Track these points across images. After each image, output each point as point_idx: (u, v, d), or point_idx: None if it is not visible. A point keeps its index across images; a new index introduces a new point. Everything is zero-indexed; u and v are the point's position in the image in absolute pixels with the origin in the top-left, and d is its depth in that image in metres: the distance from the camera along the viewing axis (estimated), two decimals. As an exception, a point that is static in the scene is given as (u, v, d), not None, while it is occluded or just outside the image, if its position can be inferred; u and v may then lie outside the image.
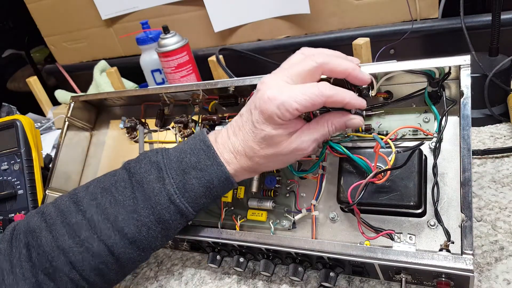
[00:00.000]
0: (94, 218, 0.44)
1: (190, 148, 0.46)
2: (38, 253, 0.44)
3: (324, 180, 0.50)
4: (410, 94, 0.48)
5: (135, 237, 0.44)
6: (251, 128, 0.43)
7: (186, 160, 0.45)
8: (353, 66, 0.43)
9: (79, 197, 0.46)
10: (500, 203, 0.53)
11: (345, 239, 0.47)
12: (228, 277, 0.55)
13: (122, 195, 0.45)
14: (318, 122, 0.44)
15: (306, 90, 0.41)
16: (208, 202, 0.46)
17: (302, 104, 0.40)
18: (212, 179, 0.44)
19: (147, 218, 0.44)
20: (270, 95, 0.41)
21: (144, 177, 0.45)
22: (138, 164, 0.46)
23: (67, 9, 1.16)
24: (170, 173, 0.45)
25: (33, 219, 0.47)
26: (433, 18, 0.81)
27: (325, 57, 0.42)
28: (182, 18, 1.03)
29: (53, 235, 0.44)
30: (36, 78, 1.16)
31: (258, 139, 0.43)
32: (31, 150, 0.69)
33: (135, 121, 0.67)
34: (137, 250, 0.45)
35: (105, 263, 0.44)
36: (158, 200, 0.44)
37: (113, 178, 0.47)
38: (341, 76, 0.43)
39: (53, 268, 0.44)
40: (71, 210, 0.45)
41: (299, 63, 0.43)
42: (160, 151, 0.47)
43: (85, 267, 0.44)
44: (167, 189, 0.44)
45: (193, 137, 0.47)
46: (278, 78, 0.42)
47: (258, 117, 0.42)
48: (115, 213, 0.44)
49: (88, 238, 0.44)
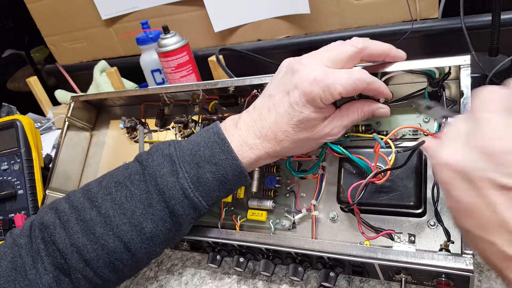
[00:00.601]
0: (109, 214, 0.43)
1: (204, 141, 0.45)
2: (53, 249, 0.44)
3: (324, 180, 0.50)
4: (410, 94, 0.48)
5: (153, 232, 0.44)
6: (287, 109, 0.42)
7: (199, 153, 0.44)
8: (389, 46, 0.44)
9: (93, 193, 0.45)
10: (500, 203, 0.53)
11: (345, 239, 0.47)
12: (228, 277, 0.55)
13: (138, 188, 0.44)
14: (348, 109, 0.44)
15: (350, 75, 0.41)
16: (221, 196, 0.46)
17: (346, 89, 0.41)
18: (227, 173, 0.44)
19: (162, 211, 0.44)
20: (317, 76, 0.40)
21: (157, 170, 0.44)
22: (151, 156, 0.45)
23: (67, 9, 1.16)
24: (184, 166, 0.44)
25: (47, 215, 0.46)
26: (433, 18, 0.81)
27: (363, 41, 0.43)
28: (182, 18, 1.03)
29: (67, 232, 0.44)
30: (36, 78, 1.16)
31: (294, 122, 0.42)
32: (31, 150, 0.69)
33: (135, 121, 0.67)
34: (153, 245, 0.45)
35: (120, 259, 0.44)
36: (172, 194, 0.43)
37: (127, 171, 0.46)
38: (380, 58, 0.44)
39: (67, 265, 0.43)
40: (85, 207, 0.44)
41: (338, 48, 0.43)
42: (173, 143, 0.46)
43: (100, 264, 0.43)
44: (181, 183, 0.43)
45: (207, 130, 0.46)
46: (318, 61, 0.42)
47: (299, 99, 0.41)
48: (132, 207, 0.44)
49: (103, 235, 0.43)
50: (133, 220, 0.43)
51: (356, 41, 0.43)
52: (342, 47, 0.43)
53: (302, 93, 0.41)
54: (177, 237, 0.47)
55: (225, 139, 0.44)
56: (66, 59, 1.29)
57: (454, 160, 0.30)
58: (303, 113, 0.41)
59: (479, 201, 0.29)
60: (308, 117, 0.42)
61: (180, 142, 0.46)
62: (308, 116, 0.42)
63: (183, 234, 0.48)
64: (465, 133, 0.31)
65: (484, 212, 0.28)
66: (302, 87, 0.41)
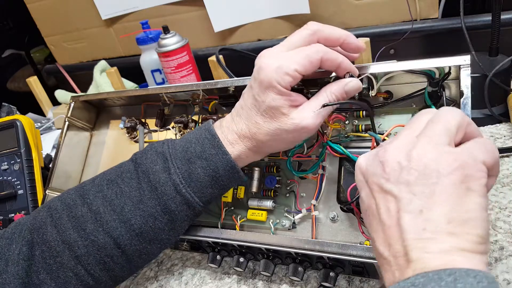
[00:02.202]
0: (100, 210, 0.44)
1: (195, 137, 0.45)
2: (42, 250, 0.44)
3: (324, 180, 0.50)
4: (410, 94, 0.48)
5: (142, 228, 0.44)
6: (252, 102, 0.43)
7: (191, 149, 0.45)
8: (347, 33, 0.43)
9: (85, 190, 0.46)
10: (500, 203, 0.53)
11: (345, 239, 0.47)
12: (228, 277, 0.55)
13: (128, 186, 0.45)
14: (317, 95, 0.44)
15: (303, 50, 0.41)
16: (215, 193, 0.46)
17: (300, 63, 0.40)
18: (218, 168, 0.44)
19: (153, 208, 0.44)
20: (269, 62, 0.41)
21: (149, 167, 0.45)
22: (144, 154, 0.46)
23: (67, 9, 1.16)
24: (176, 163, 0.44)
25: (40, 214, 0.46)
26: (433, 18, 0.81)
27: (318, 24, 0.43)
28: (182, 18, 1.03)
29: (58, 229, 0.44)
30: (36, 78, 1.15)
31: (261, 112, 0.43)
32: (31, 150, 0.69)
33: (135, 121, 0.67)
34: (143, 242, 0.45)
35: (111, 256, 0.44)
36: (164, 190, 0.44)
37: (119, 169, 0.47)
38: (336, 43, 0.44)
39: (57, 265, 0.43)
40: (77, 203, 0.45)
41: (295, 34, 0.43)
42: (167, 141, 0.47)
43: (91, 261, 0.44)
44: (173, 179, 0.44)
45: (199, 127, 0.47)
46: (275, 50, 0.43)
47: (258, 89, 0.42)
48: (121, 204, 0.44)
49: (93, 231, 0.44)
50: (122, 216, 0.44)
51: (311, 25, 0.43)
52: (298, 32, 0.43)
53: (259, 81, 0.42)
54: (172, 237, 0.47)
55: (215, 134, 0.45)
56: (66, 59, 1.29)
57: (362, 164, 0.35)
58: (265, 102, 0.42)
59: (372, 202, 0.33)
60: (272, 103, 0.42)
61: (174, 141, 0.47)
62: (271, 103, 0.42)
63: (179, 234, 0.48)
64: (383, 144, 0.35)
65: (373, 211, 0.33)
66: (258, 77, 0.42)
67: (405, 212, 0.29)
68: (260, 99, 0.42)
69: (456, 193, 0.29)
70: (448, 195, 0.29)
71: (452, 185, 0.29)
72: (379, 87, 0.48)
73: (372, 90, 0.47)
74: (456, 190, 0.29)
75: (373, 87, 0.47)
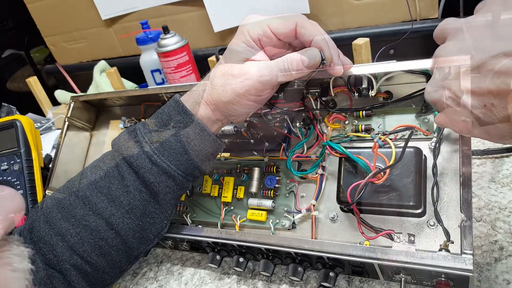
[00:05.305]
0: (87, 194, 0.45)
1: (163, 109, 0.47)
2: (39, 247, 0.44)
3: (324, 180, 0.50)
4: (410, 94, 0.48)
5: (131, 203, 0.45)
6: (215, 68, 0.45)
7: (158, 120, 0.46)
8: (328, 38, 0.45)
9: (71, 181, 0.48)
10: (500, 203, 0.53)
11: (345, 239, 0.47)
12: (228, 277, 0.55)
13: (109, 166, 0.46)
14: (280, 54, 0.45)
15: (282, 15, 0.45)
16: (191, 160, 0.45)
17: (275, 21, 0.45)
18: (188, 132, 0.45)
19: (135, 182, 0.45)
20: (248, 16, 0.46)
21: (122, 145, 0.46)
22: (118, 137, 0.48)
23: (67, 9, 1.16)
24: (146, 136, 0.45)
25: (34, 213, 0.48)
26: (433, 18, 0.81)
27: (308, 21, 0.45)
28: (182, 18, 1.03)
29: (50, 223, 0.45)
30: (36, 78, 1.16)
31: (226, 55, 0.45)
32: (31, 150, 0.69)
33: (135, 121, 0.67)
34: (135, 219, 0.45)
35: (105, 239, 0.44)
36: (140, 164, 0.44)
37: (101, 156, 0.49)
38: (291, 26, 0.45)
39: (56, 259, 0.44)
40: (65, 195, 0.46)
41: None
42: (140, 122, 0.49)
43: (86, 248, 0.44)
44: (145, 150, 0.44)
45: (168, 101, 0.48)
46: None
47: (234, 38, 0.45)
48: (107, 184, 0.45)
49: (83, 216, 0.44)
50: (110, 195, 0.45)
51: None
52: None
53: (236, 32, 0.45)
54: (160, 212, 0.47)
55: (179, 101, 0.46)
56: (66, 59, 1.29)
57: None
58: (231, 46, 0.44)
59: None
60: (233, 47, 0.44)
61: (145, 120, 0.49)
62: (232, 46, 0.44)
63: (166, 208, 0.48)
64: None
65: None
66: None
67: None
68: (228, 46, 0.44)
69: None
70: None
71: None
72: (379, 87, 0.48)
73: (372, 90, 0.47)
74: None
75: (373, 87, 0.47)
